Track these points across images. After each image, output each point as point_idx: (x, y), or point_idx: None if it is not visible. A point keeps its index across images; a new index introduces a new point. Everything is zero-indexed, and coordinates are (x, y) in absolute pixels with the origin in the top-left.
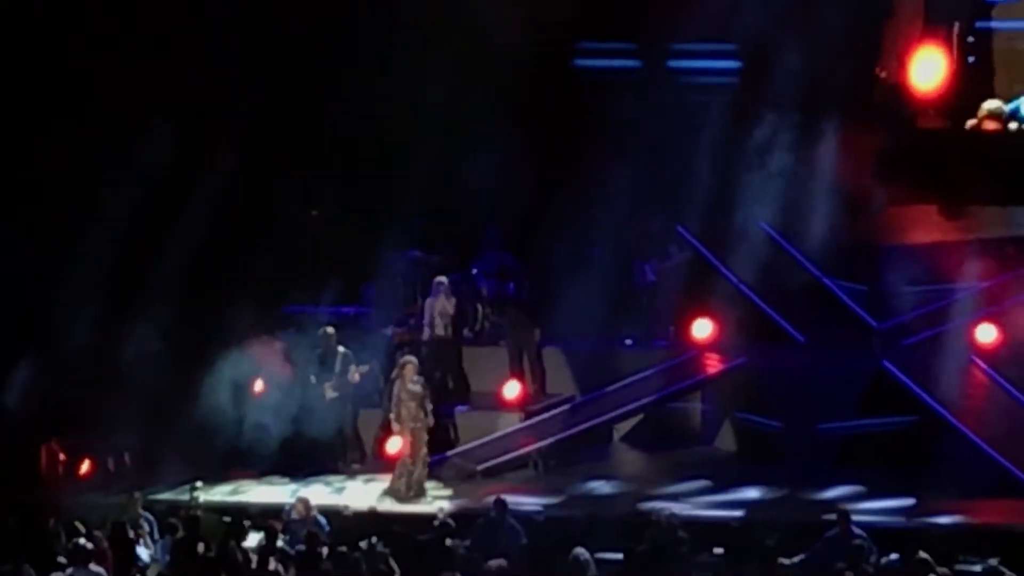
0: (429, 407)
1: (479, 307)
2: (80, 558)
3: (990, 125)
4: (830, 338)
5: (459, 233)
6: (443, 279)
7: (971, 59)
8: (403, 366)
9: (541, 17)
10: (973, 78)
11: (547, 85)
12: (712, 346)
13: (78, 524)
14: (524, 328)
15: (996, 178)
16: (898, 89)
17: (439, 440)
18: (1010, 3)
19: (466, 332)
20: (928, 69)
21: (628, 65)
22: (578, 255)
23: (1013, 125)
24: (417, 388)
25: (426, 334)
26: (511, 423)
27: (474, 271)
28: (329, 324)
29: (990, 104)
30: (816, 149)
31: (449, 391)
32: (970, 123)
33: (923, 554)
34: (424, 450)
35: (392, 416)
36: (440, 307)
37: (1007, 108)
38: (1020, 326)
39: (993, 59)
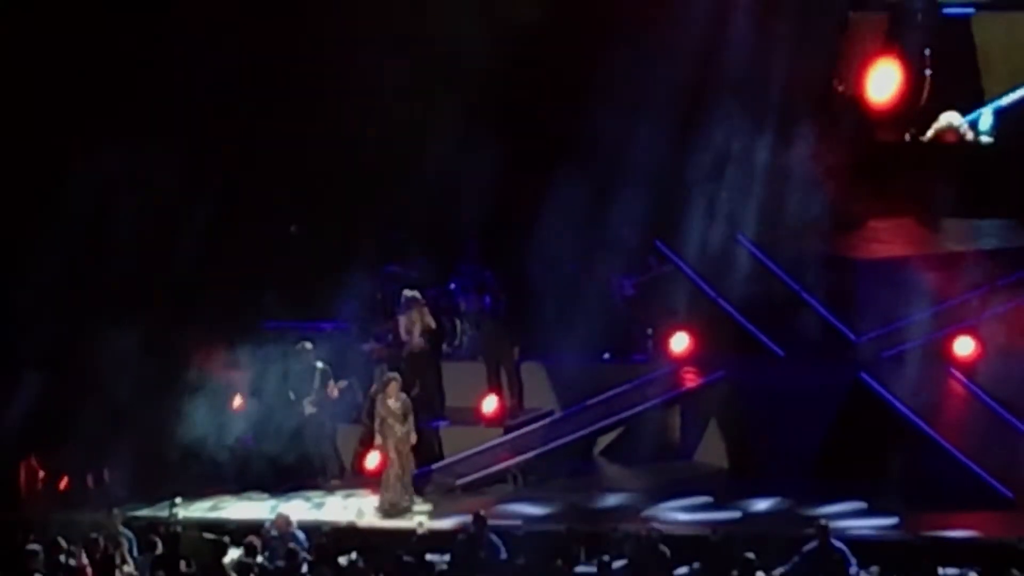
0: (411, 423)
1: (457, 322)
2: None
3: (949, 137)
4: (808, 351)
5: (437, 248)
6: (414, 293)
7: (928, 72)
8: (386, 383)
9: (510, 29)
10: (931, 91)
11: (521, 98)
12: (691, 359)
13: (60, 540)
14: (501, 343)
15: (953, 190)
16: (855, 102)
17: (420, 455)
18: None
19: (444, 347)
20: (885, 82)
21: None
22: (556, 269)
23: (970, 136)
24: (398, 405)
25: (402, 348)
26: (490, 438)
27: (452, 286)
28: (307, 340)
29: (947, 116)
30: (791, 162)
31: (428, 406)
32: (928, 135)
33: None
34: (410, 465)
35: (376, 432)
36: (417, 321)
37: (964, 120)
38: (997, 338)
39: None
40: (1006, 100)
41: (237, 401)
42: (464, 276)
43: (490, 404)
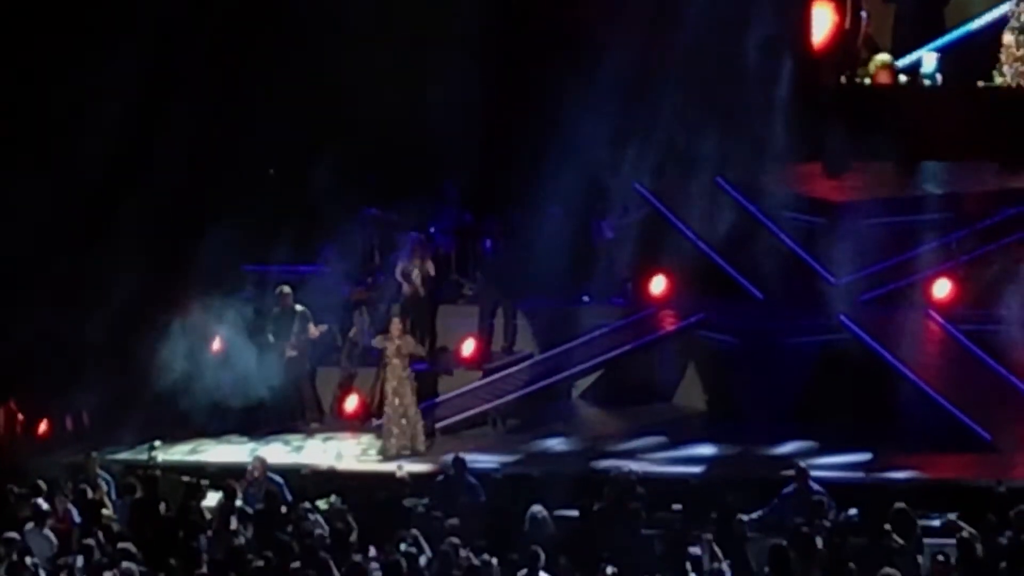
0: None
1: (437, 266)
2: (37, 520)
3: (883, 78)
4: (787, 294)
5: (415, 190)
6: (419, 235)
7: (864, 14)
8: (389, 324)
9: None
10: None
11: (503, 36)
12: (670, 302)
13: (40, 484)
14: (504, 284)
15: (894, 135)
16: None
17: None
18: None
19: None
20: (820, 25)
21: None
22: (535, 212)
23: (903, 79)
24: (402, 345)
25: (398, 291)
26: (470, 381)
27: (432, 229)
28: (285, 283)
29: (881, 57)
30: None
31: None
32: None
33: (900, 504)
34: (414, 406)
35: (382, 372)
36: (417, 266)
37: (899, 63)
38: (976, 281)
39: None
40: (943, 41)
41: (216, 344)
42: (444, 219)
43: (468, 347)
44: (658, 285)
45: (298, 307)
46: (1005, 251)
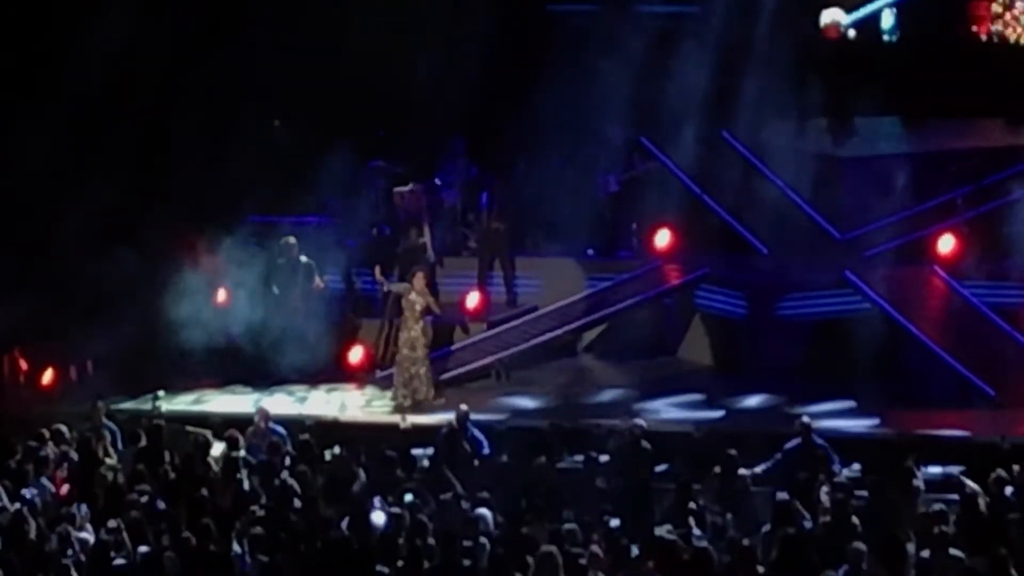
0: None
1: (442, 218)
2: (37, 467)
3: (830, 34)
4: (792, 249)
5: (421, 143)
6: (419, 187)
7: None
8: (412, 276)
9: None
10: None
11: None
12: (675, 256)
13: (44, 432)
14: (500, 240)
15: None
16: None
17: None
18: None
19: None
20: None
21: None
22: (541, 165)
23: (852, 34)
24: (420, 300)
25: (401, 243)
26: (474, 333)
27: (438, 182)
28: (291, 234)
29: (830, 13)
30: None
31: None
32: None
33: (908, 462)
34: (425, 359)
35: (398, 325)
36: (419, 216)
37: (845, 17)
38: (980, 237)
39: None
40: None
41: (221, 295)
42: (450, 172)
43: (473, 299)
44: (663, 239)
45: (303, 258)
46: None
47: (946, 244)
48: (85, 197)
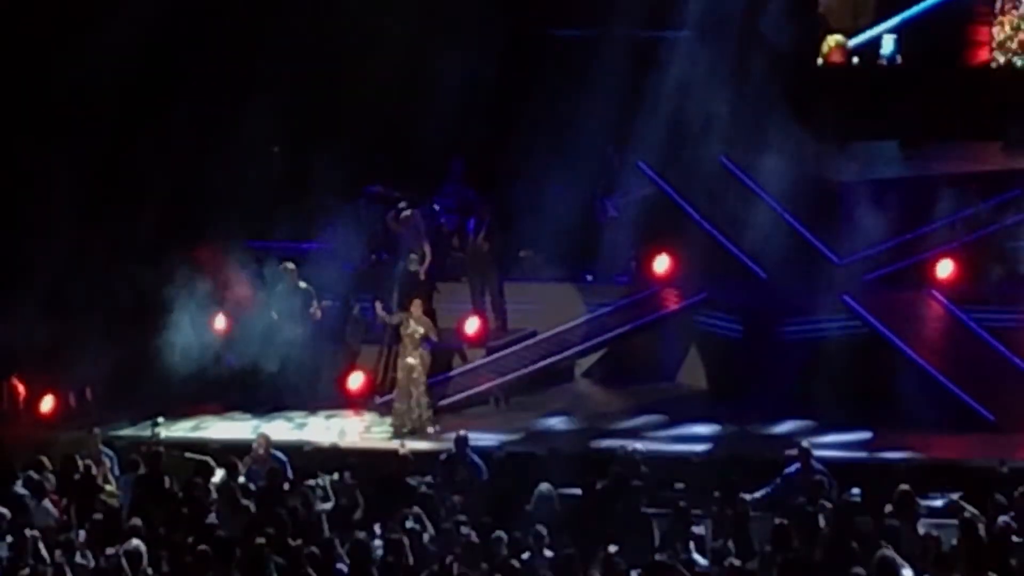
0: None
1: (440, 243)
2: (37, 493)
3: (835, 58)
4: (791, 274)
5: (420, 168)
6: (416, 212)
7: None
8: (410, 303)
9: None
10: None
11: (507, 17)
12: (673, 281)
13: (43, 460)
14: (485, 264)
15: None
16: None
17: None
18: None
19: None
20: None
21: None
22: (539, 190)
23: (855, 60)
24: (420, 328)
25: (396, 268)
26: (472, 359)
27: (436, 207)
28: (290, 260)
29: (833, 38)
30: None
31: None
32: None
33: (904, 486)
34: (424, 386)
35: (399, 353)
36: (415, 242)
37: (849, 41)
38: (978, 261)
39: None
40: (896, 21)
41: (220, 321)
42: (448, 196)
43: (472, 325)
44: (661, 264)
45: (302, 284)
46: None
47: (945, 268)
48: (83, 223)
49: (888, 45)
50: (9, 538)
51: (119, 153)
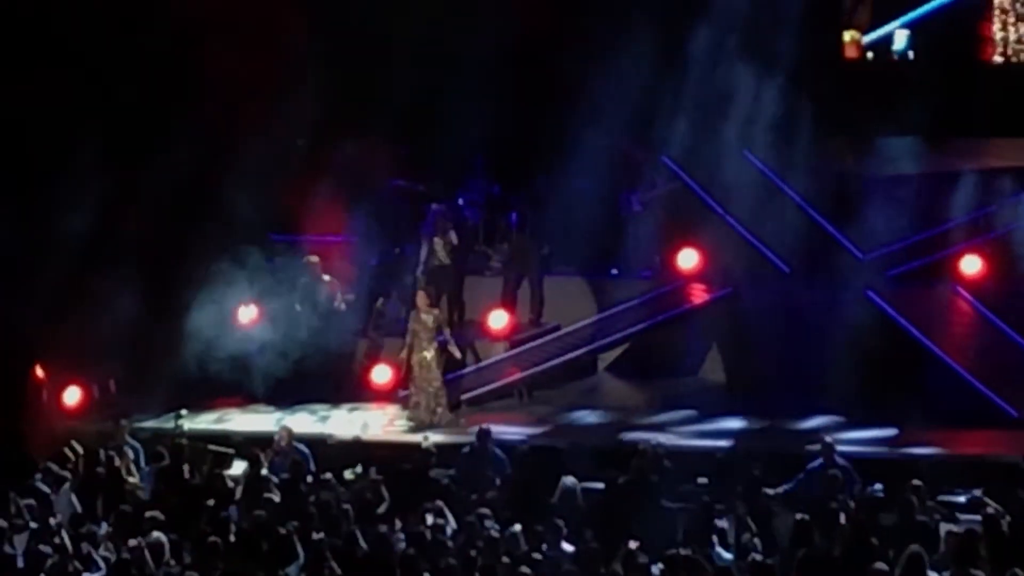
0: (445, 334)
1: (465, 237)
2: (59, 484)
3: (850, 53)
4: (815, 268)
5: (443, 162)
6: (442, 207)
7: None
8: (414, 296)
9: None
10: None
11: (532, 11)
12: (697, 276)
13: (67, 451)
14: (529, 256)
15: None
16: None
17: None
18: None
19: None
20: None
21: None
22: (563, 184)
23: (870, 55)
24: (430, 319)
25: (424, 263)
26: (496, 352)
27: (460, 201)
28: (314, 253)
29: (848, 32)
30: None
31: (450, 321)
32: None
33: (916, 481)
34: (438, 380)
35: (407, 346)
36: (441, 235)
37: (863, 38)
38: (1004, 257)
39: None
40: (909, 17)
41: (243, 313)
42: (472, 191)
43: (498, 319)
44: (686, 258)
45: (326, 277)
46: None
47: (969, 264)
48: (109, 213)
49: (901, 41)
50: (33, 526)
51: (146, 143)
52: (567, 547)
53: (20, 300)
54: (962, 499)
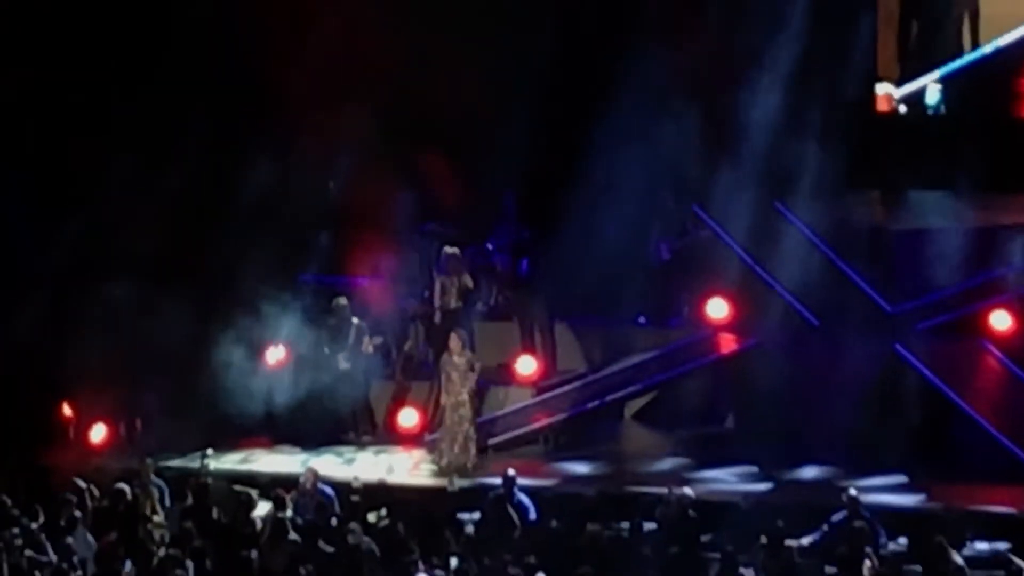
0: (473, 379)
1: (493, 282)
2: (80, 523)
3: (882, 106)
4: (844, 321)
5: (475, 206)
6: (455, 250)
7: None
8: (448, 339)
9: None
10: None
11: (565, 58)
12: (725, 326)
13: (92, 488)
14: (533, 304)
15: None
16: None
17: None
18: None
19: (480, 306)
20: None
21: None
22: (593, 231)
23: (903, 108)
24: (463, 361)
25: (439, 306)
26: (522, 398)
27: (490, 246)
28: (342, 295)
29: (881, 86)
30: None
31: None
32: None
33: (941, 535)
34: (471, 424)
35: (442, 389)
36: (454, 279)
37: (897, 91)
38: None
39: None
40: (941, 72)
41: (271, 354)
42: (502, 235)
43: (527, 365)
44: (714, 308)
45: (354, 319)
46: None
47: (999, 320)
48: (135, 253)
49: (933, 95)
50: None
51: (180, 184)
52: None
53: (49, 338)
54: (987, 554)
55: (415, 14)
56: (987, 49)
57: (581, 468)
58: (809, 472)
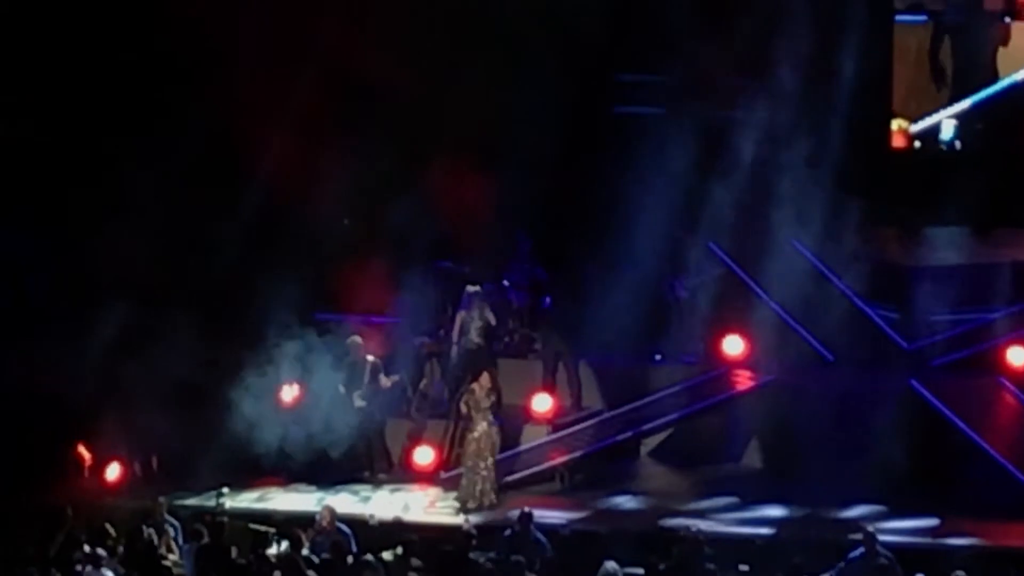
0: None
1: (509, 319)
2: (95, 563)
3: (898, 142)
4: (860, 358)
5: (489, 244)
6: (477, 288)
7: None
8: (467, 376)
9: (575, 36)
10: None
11: (581, 98)
12: (741, 363)
13: (108, 527)
14: (560, 341)
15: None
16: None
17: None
18: None
19: (495, 344)
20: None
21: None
22: (609, 269)
23: (917, 144)
24: (487, 400)
25: (457, 343)
26: (538, 436)
27: (505, 283)
28: (357, 333)
29: (897, 122)
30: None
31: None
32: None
33: (958, 573)
34: (491, 461)
35: (463, 426)
36: (476, 317)
37: (911, 127)
38: None
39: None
40: (957, 108)
41: (286, 392)
42: (516, 273)
43: (543, 402)
44: (730, 345)
45: (369, 357)
46: None
47: (1015, 356)
48: (150, 294)
49: (948, 130)
50: None
51: (189, 223)
52: None
53: (65, 377)
54: None
55: (429, 52)
56: (1003, 83)
57: (596, 506)
58: (825, 508)
